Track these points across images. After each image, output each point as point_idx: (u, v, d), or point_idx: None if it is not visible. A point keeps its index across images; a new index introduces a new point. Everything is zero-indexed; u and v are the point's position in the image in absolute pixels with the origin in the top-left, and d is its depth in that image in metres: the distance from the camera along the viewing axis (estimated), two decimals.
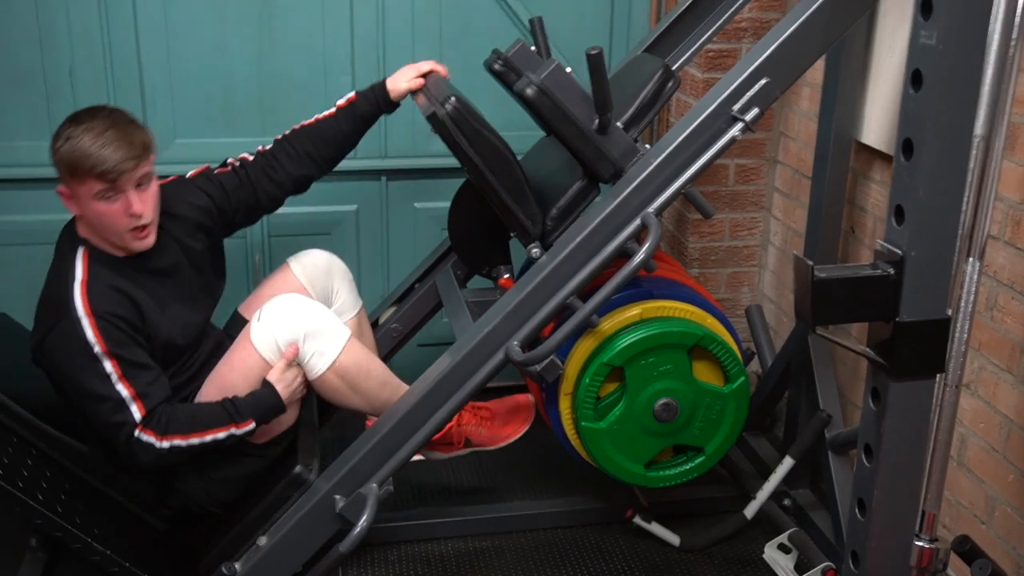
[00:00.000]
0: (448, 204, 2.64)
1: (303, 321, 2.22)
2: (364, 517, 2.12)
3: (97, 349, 2.02)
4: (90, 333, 2.02)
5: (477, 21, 3.06)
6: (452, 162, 3.00)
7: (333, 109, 2.46)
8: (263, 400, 2.19)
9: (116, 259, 2.14)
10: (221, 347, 2.35)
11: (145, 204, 2.09)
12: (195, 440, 2.12)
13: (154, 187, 2.14)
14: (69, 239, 2.17)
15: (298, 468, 2.29)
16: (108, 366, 2.04)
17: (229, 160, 2.42)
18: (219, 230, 2.38)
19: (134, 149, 2.05)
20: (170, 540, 2.40)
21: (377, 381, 2.33)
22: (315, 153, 2.42)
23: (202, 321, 2.33)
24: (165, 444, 2.08)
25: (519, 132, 2.61)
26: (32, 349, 2.14)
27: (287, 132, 2.44)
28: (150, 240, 2.14)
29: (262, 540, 2.24)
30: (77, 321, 2.03)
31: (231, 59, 2.99)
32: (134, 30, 2.90)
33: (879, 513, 1.52)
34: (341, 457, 2.25)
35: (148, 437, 2.06)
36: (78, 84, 2.92)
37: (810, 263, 1.36)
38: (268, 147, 2.43)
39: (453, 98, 2.20)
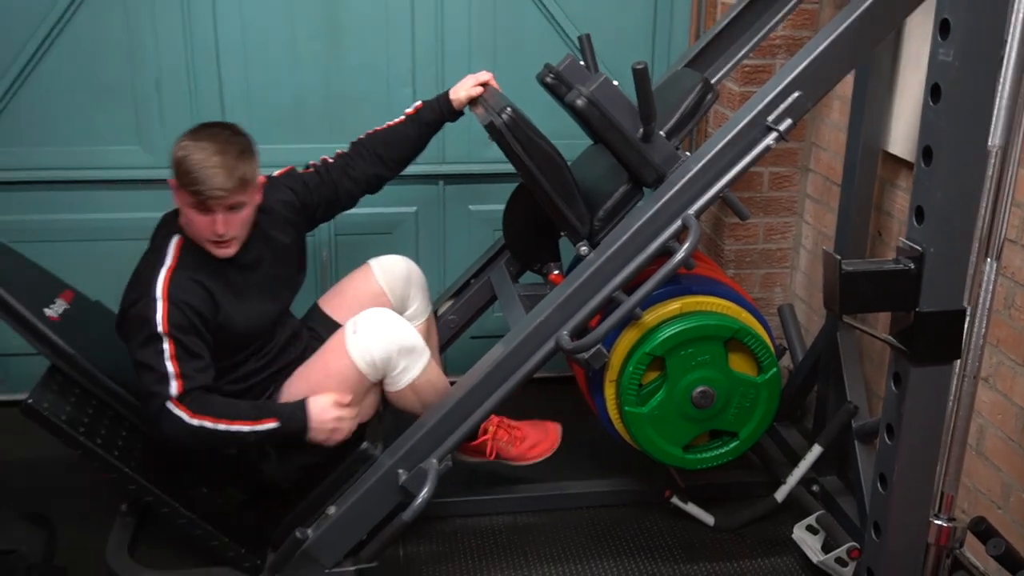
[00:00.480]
0: (500, 207, 2.74)
1: (397, 339, 2.33)
2: (425, 489, 2.22)
3: (159, 329, 2.13)
4: (159, 314, 2.14)
5: (528, 37, 3.15)
6: (504, 168, 3.12)
7: (402, 116, 2.57)
8: (292, 419, 2.25)
9: (204, 251, 2.26)
10: (298, 336, 2.47)
11: (230, 226, 2.19)
12: (222, 426, 2.17)
13: (246, 212, 2.23)
14: (167, 227, 2.30)
15: (364, 444, 2.40)
16: (165, 345, 2.14)
17: (311, 162, 2.54)
18: (303, 225, 2.49)
19: (230, 181, 2.14)
20: (247, 508, 2.53)
21: (440, 394, 2.44)
22: (386, 155, 2.55)
23: (279, 312, 2.43)
24: (195, 422, 2.15)
25: (566, 140, 2.69)
26: (116, 322, 2.27)
27: (361, 136, 2.56)
28: (230, 251, 2.24)
29: (331, 509, 2.35)
30: (153, 301, 2.15)
31: (302, 72, 3.11)
32: (215, 46, 3.04)
33: (898, 488, 1.60)
34: (404, 435, 2.36)
35: (179, 412, 2.14)
36: (163, 95, 3.07)
37: (838, 257, 1.45)
38: (345, 150, 2.56)
39: (509, 108, 2.30)
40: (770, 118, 2.17)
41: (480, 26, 3.14)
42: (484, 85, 2.56)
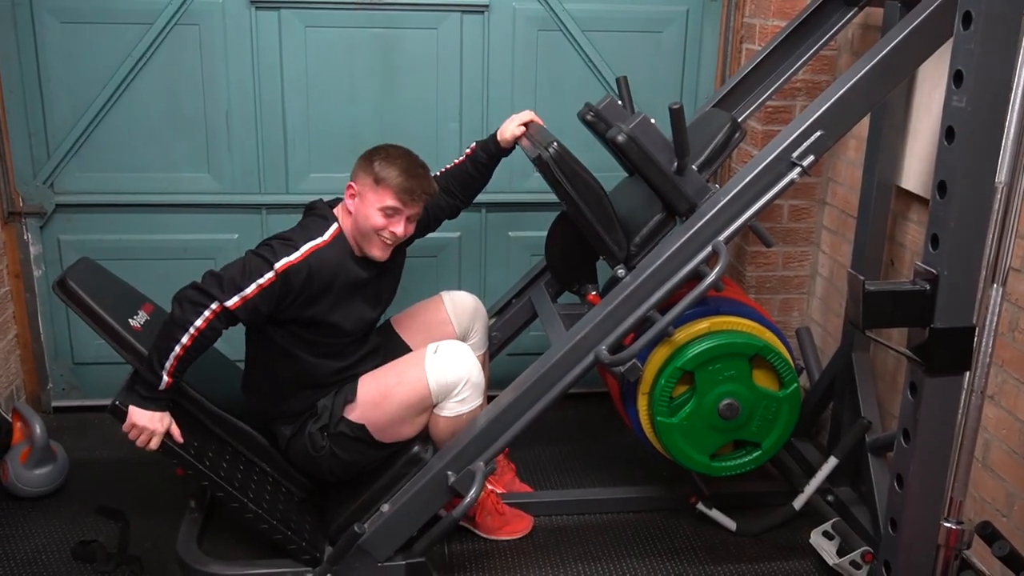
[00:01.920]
0: (537, 233, 2.86)
1: (471, 371, 2.46)
2: (473, 489, 2.34)
3: (278, 265, 2.29)
4: (288, 259, 2.31)
5: (567, 78, 3.28)
6: (543, 197, 3.28)
7: (463, 157, 2.77)
8: (148, 371, 2.30)
9: (351, 250, 2.44)
10: (377, 352, 2.61)
11: (406, 232, 2.44)
12: (176, 344, 2.25)
13: (413, 226, 2.47)
14: (325, 215, 2.47)
15: (416, 448, 2.52)
16: (268, 275, 2.29)
17: None
18: (404, 244, 2.61)
19: (431, 188, 2.45)
20: (308, 505, 2.64)
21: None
22: (458, 191, 2.74)
23: (375, 318, 2.57)
24: (195, 325, 2.25)
25: (600, 173, 2.81)
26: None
27: (438, 172, 2.72)
28: (386, 255, 2.46)
29: (385, 507, 2.46)
30: (295, 249, 2.33)
31: (358, 107, 3.25)
32: (280, 82, 3.18)
33: (913, 487, 1.71)
34: (452, 440, 2.48)
35: (209, 314, 2.26)
36: (232, 126, 3.21)
37: (862, 278, 1.57)
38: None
39: (555, 143, 2.43)
40: (794, 154, 2.29)
41: (523, 67, 3.27)
42: (527, 124, 2.69)
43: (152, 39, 3.08)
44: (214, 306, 2.27)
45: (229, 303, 2.28)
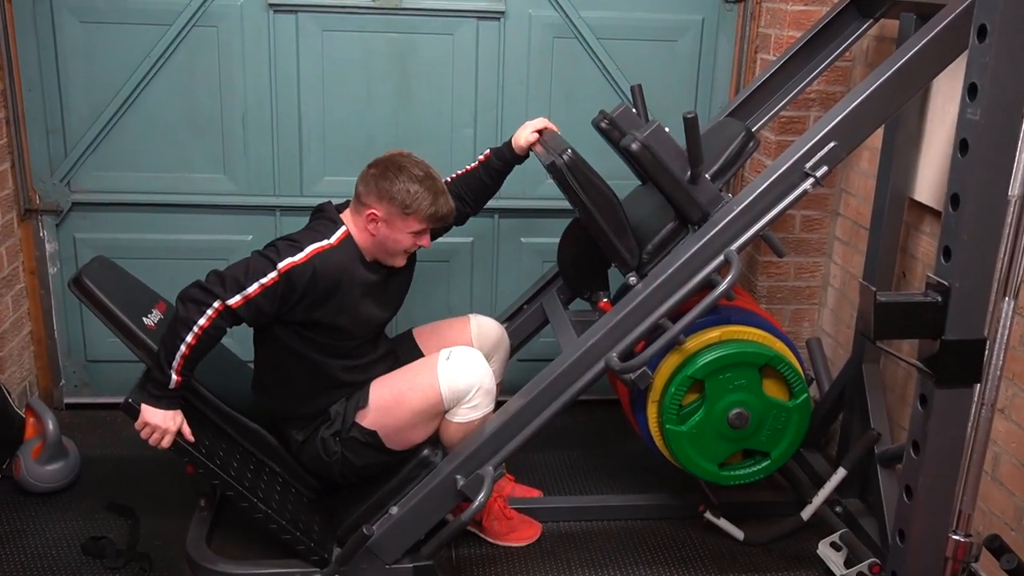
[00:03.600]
0: (549, 239, 2.87)
1: (483, 378, 2.47)
2: (482, 493, 2.34)
3: (282, 266, 2.30)
4: (291, 259, 2.32)
5: (581, 85, 3.30)
6: (554, 204, 3.30)
7: (475, 163, 2.77)
8: (154, 385, 2.32)
9: (359, 253, 2.44)
10: (389, 356, 2.62)
11: (430, 243, 2.51)
12: (181, 342, 2.27)
13: None
14: (333, 218, 2.47)
15: (426, 451, 2.53)
16: (271, 275, 2.30)
17: None
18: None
19: (451, 202, 2.48)
20: (317, 506, 2.65)
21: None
22: (468, 197, 2.75)
23: (385, 320, 2.58)
24: (198, 324, 2.27)
25: (613, 181, 2.82)
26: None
27: (448, 179, 2.69)
28: (404, 263, 2.51)
29: (394, 510, 2.47)
30: (299, 249, 2.34)
31: (374, 112, 3.27)
32: (296, 86, 3.21)
33: (922, 499, 1.71)
34: (462, 444, 2.50)
35: (211, 312, 2.27)
36: (248, 128, 3.24)
37: (874, 288, 1.57)
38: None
39: (569, 150, 2.44)
40: (808, 165, 2.30)
41: (538, 74, 3.29)
42: (541, 131, 2.70)
43: (171, 40, 3.11)
44: (216, 304, 2.29)
45: (231, 301, 2.29)
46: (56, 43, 3.09)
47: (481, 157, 2.77)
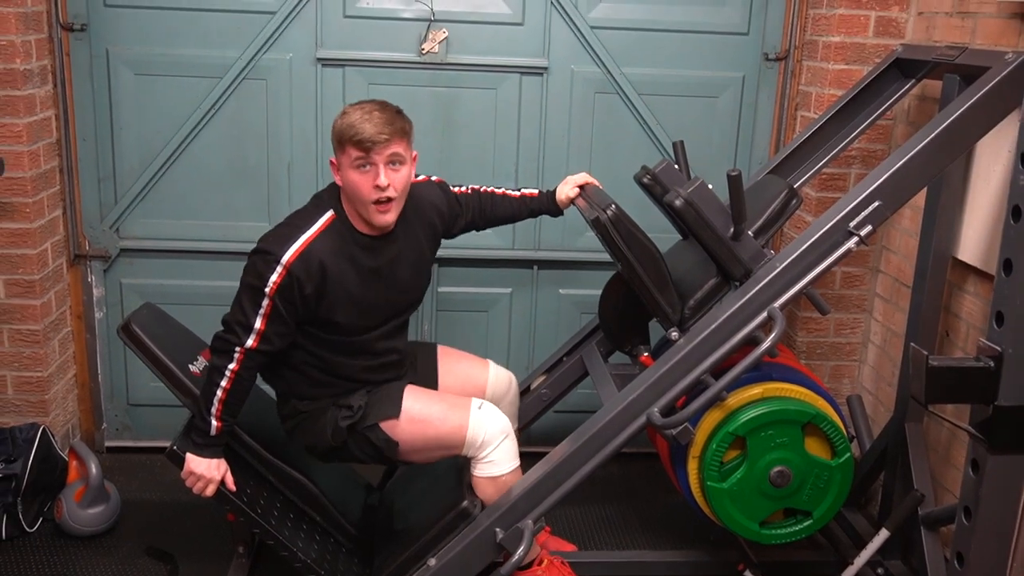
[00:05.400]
0: (587, 291, 2.88)
1: (505, 433, 2.46)
2: (522, 547, 2.33)
3: (268, 289, 2.26)
4: (274, 277, 2.26)
5: (622, 140, 3.34)
6: (594, 256, 3.31)
7: (517, 193, 2.74)
8: (197, 434, 2.35)
9: (353, 230, 2.35)
10: (400, 365, 2.57)
11: (392, 180, 2.26)
12: (219, 389, 2.30)
13: (405, 171, 2.31)
14: (325, 199, 2.39)
15: (464, 503, 2.50)
16: (264, 303, 2.28)
17: (458, 188, 2.69)
18: (442, 233, 2.60)
19: (390, 126, 2.25)
20: (355, 556, 2.65)
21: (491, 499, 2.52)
22: (489, 214, 2.72)
23: (397, 307, 2.50)
24: (230, 369, 2.29)
25: (652, 234, 2.84)
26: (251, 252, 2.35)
27: (482, 189, 2.70)
28: (390, 217, 2.32)
29: (432, 561, 2.45)
30: (275, 262, 2.26)
31: (417, 164, 3.31)
32: None
33: (975, 565, 1.69)
34: (501, 497, 2.48)
35: (238, 356, 2.29)
36: (293, 176, 3.30)
37: (926, 353, 1.57)
38: (467, 190, 2.70)
39: (613, 205, 2.46)
40: (852, 224, 2.30)
41: (579, 128, 3.33)
42: (583, 185, 2.71)
43: (221, 92, 3.19)
44: (237, 351, 2.31)
45: (248, 344, 2.30)
46: (111, 95, 3.18)
47: (528, 192, 2.75)
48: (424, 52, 3.23)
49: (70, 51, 3.14)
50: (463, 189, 2.71)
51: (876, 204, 2.30)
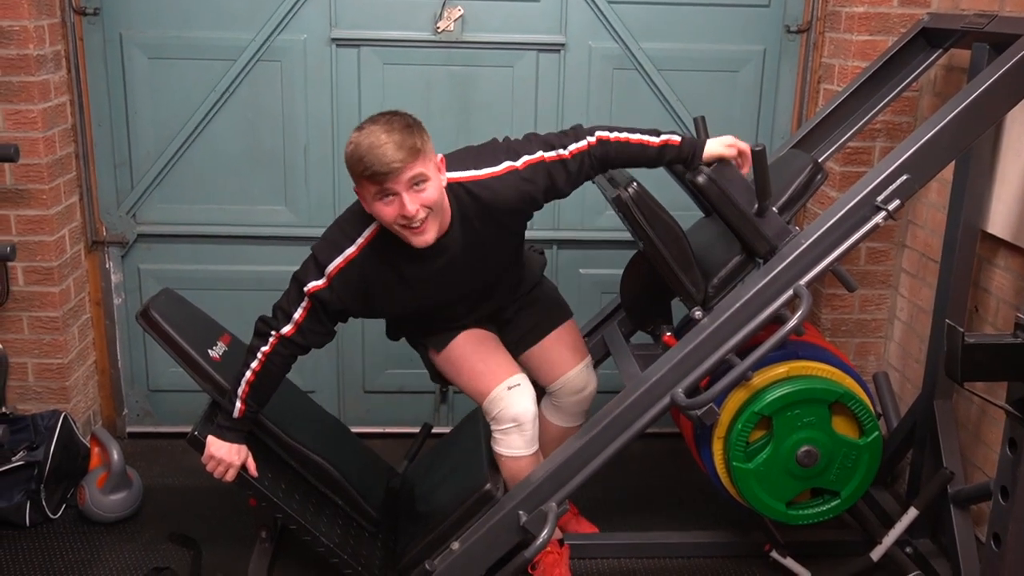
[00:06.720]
0: (607, 271, 2.84)
1: (516, 422, 2.45)
2: (546, 530, 2.31)
3: (307, 288, 2.27)
4: (316, 282, 2.27)
5: (642, 117, 3.22)
6: (614, 235, 3.28)
7: (657, 140, 2.38)
8: (226, 400, 2.39)
9: (396, 243, 2.22)
10: (492, 319, 2.63)
11: (419, 202, 2.11)
12: (248, 371, 2.32)
13: (431, 186, 2.13)
14: (364, 216, 2.26)
15: (487, 486, 2.50)
16: (304, 301, 2.29)
17: (573, 148, 2.33)
18: (529, 215, 2.43)
19: (401, 151, 2.06)
20: (378, 540, 2.64)
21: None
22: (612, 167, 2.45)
23: (448, 301, 2.46)
24: (262, 352, 2.31)
25: (674, 212, 2.80)
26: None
27: (612, 138, 2.35)
28: (428, 237, 2.18)
29: (455, 545, 2.45)
30: (317, 269, 2.27)
31: (434, 141, 3.28)
32: (358, 117, 3.19)
33: (1012, 546, 1.65)
34: (524, 480, 2.47)
35: (272, 340, 2.31)
36: (310, 160, 3.28)
37: (961, 330, 1.53)
38: (595, 145, 2.35)
39: (635, 183, 2.42)
40: (880, 198, 2.26)
41: (598, 105, 3.28)
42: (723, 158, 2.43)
43: (235, 75, 3.16)
44: (273, 335, 2.32)
45: (284, 330, 2.31)
46: (125, 79, 3.16)
47: (672, 139, 2.40)
48: (439, 30, 3.18)
49: (83, 35, 3.11)
50: (580, 146, 2.32)
51: (904, 178, 2.26)
